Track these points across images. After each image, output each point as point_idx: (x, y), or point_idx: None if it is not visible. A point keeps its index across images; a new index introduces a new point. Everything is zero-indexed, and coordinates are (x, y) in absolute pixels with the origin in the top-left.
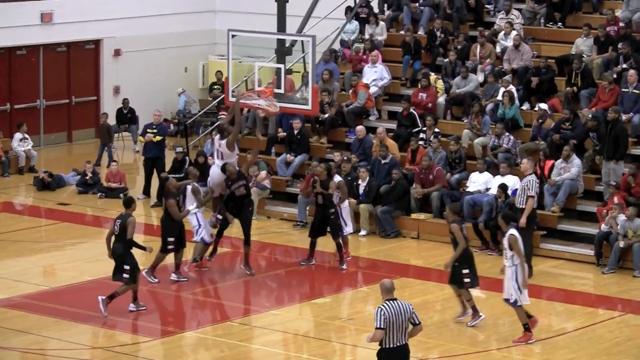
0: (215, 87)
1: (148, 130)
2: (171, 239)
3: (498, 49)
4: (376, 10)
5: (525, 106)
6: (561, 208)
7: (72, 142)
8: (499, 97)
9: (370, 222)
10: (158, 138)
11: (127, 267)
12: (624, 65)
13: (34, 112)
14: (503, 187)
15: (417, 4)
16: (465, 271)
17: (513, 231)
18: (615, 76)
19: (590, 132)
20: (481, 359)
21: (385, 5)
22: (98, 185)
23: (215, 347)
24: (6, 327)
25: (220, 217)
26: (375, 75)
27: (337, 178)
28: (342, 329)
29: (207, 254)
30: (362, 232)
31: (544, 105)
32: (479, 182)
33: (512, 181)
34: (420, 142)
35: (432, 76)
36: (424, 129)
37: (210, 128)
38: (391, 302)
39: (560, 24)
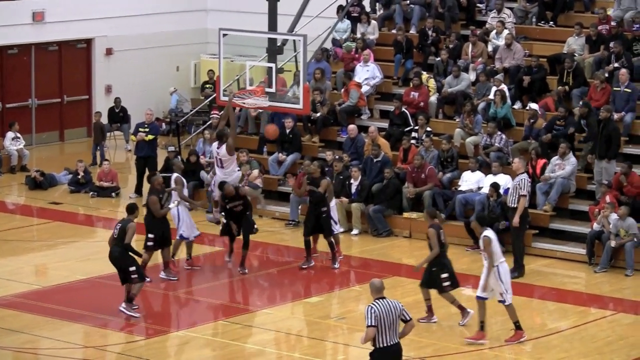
0: (207, 86)
1: (140, 129)
2: (151, 236)
3: (490, 48)
4: (368, 9)
5: (517, 105)
6: (553, 207)
7: (64, 141)
8: (491, 96)
9: (363, 221)
10: (150, 137)
11: (132, 269)
12: (616, 64)
13: (26, 111)
14: (495, 186)
15: (407, 2)
16: (444, 276)
17: (487, 232)
18: (606, 75)
19: (582, 119)
20: (473, 358)
21: (377, 4)
22: (90, 184)
23: (207, 346)
24: None
25: (223, 219)
26: (367, 74)
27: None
28: (335, 328)
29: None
30: (355, 231)
31: (534, 105)
32: (471, 181)
33: (504, 180)
34: (412, 141)
35: (424, 75)
36: (416, 128)
37: (202, 127)
38: (381, 300)
39: (552, 22)
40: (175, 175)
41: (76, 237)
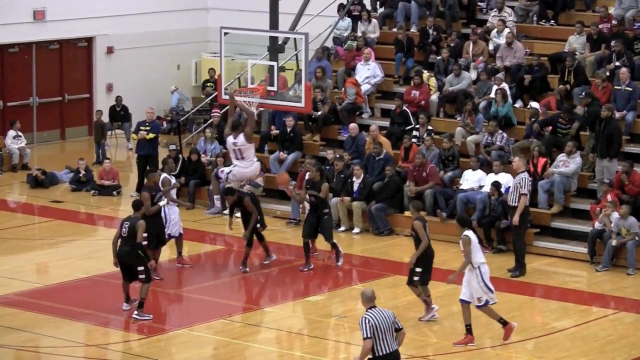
0: (208, 84)
1: (141, 127)
2: (144, 235)
3: (491, 47)
4: (369, 7)
5: (518, 104)
6: (563, 206)
7: (65, 140)
8: (492, 95)
9: (364, 220)
10: (151, 135)
11: (141, 269)
12: (617, 63)
13: (27, 109)
14: (496, 185)
15: None
16: (418, 270)
17: (467, 232)
18: (608, 74)
19: (585, 107)
20: (475, 357)
21: (378, 2)
22: (91, 182)
23: (209, 345)
24: (0, 324)
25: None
26: (368, 72)
27: None
28: (336, 326)
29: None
30: (356, 230)
31: (535, 104)
32: (472, 179)
33: (505, 179)
34: (413, 140)
35: (425, 74)
36: (417, 126)
37: (203, 125)
38: (373, 309)
39: (552, 21)
40: (163, 175)
41: (77, 236)
